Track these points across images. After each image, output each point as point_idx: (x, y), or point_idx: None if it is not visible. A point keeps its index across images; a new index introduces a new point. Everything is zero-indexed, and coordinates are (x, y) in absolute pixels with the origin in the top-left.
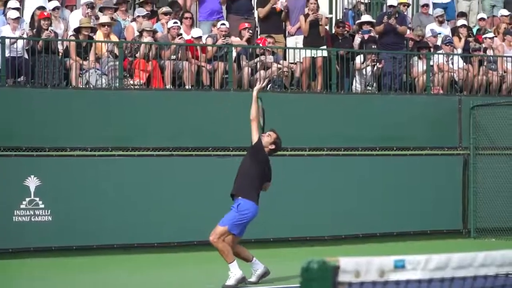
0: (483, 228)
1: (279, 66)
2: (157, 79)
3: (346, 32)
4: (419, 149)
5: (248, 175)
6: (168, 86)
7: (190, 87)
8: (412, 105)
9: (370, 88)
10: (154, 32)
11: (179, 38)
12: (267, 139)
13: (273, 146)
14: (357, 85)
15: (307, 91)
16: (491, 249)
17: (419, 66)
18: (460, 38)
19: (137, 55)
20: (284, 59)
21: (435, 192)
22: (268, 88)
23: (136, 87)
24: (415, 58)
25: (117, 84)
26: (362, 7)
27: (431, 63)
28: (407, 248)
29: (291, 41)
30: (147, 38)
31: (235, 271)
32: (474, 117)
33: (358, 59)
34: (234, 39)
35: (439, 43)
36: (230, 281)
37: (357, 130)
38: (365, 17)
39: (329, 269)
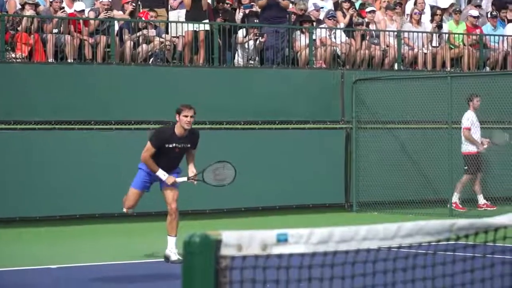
0: (365, 202)
1: (161, 40)
2: (39, 52)
3: (228, 5)
4: (302, 123)
5: None
6: (50, 60)
7: (72, 60)
8: (295, 79)
9: (252, 62)
10: (36, 5)
11: (62, 12)
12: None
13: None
14: (239, 59)
15: (190, 65)
16: (373, 222)
17: (302, 40)
18: (344, 14)
19: (19, 28)
20: (167, 33)
21: (318, 166)
22: (150, 62)
23: (18, 60)
24: (298, 32)
25: None
26: None
27: (314, 37)
28: (290, 222)
29: (173, 15)
30: (29, 11)
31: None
32: (357, 91)
33: (241, 33)
34: (117, 13)
35: (321, 17)
36: (176, 256)
37: (239, 104)
38: None
39: (211, 243)
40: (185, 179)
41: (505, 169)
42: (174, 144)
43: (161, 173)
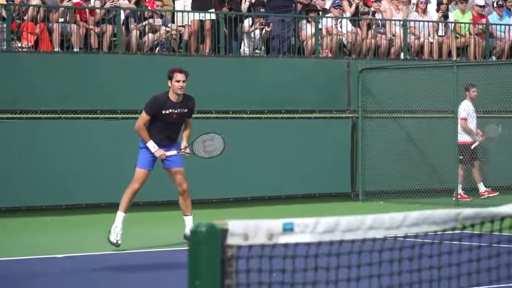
0: (371, 191)
1: (167, 29)
2: (45, 41)
3: None
4: (308, 113)
5: None
6: (56, 49)
7: (78, 50)
8: (301, 69)
9: (258, 51)
10: None
11: (68, 1)
12: None
13: None
14: (245, 48)
15: (196, 54)
16: (379, 212)
17: (308, 29)
18: (350, 3)
19: (25, 17)
20: (173, 22)
21: (324, 155)
22: (156, 52)
23: (24, 49)
24: (304, 21)
25: (5, 47)
26: None
27: (320, 26)
28: (296, 211)
29: (179, 4)
30: (35, 1)
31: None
32: (363, 80)
33: (247, 22)
34: (123, 2)
35: (327, 6)
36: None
37: (245, 93)
38: None
39: (217, 232)
40: (174, 152)
41: (505, 157)
42: (170, 110)
43: (151, 145)
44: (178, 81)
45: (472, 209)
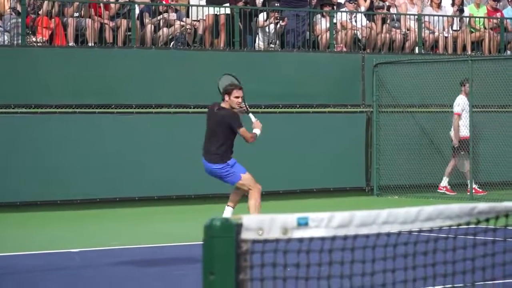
0: (385, 186)
1: (182, 23)
2: (60, 36)
3: None
4: (322, 107)
5: None
6: (71, 44)
7: (93, 44)
8: (315, 63)
9: (273, 46)
10: None
11: None
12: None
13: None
14: (260, 42)
15: (210, 49)
16: (393, 206)
17: (323, 23)
18: None
19: (40, 12)
20: (187, 16)
21: (338, 150)
22: (170, 46)
23: (38, 44)
24: (318, 15)
25: (20, 41)
26: None
27: (334, 20)
28: (310, 206)
29: None
30: None
31: None
32: (377, 74)
33: (261, 16)
34: None
35: (342, 0)
36: None
37: (260, 87)
38: None
39: (232, 227)
40: (251, 116)
41: (497, 155)
42: None
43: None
44: (237, 97)
45: (487, 204)
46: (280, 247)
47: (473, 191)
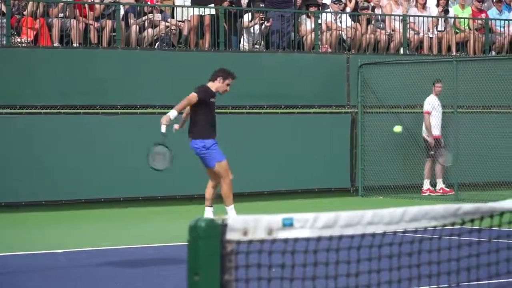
0: (370, 186)
1: (167, 24)
2: (45, 37)
3: None
4: (307, 108)
5: None
6: (55, 44)
7: (78, 45)
8: (300, 64)
9: (258, 46)
10: None
11: None
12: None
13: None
14: (244, 43)
15: (195, 49)
16: (378, 207)
17: (308, 24)
18: None
19: (25, 12)
20: (172, 17)
21: (323, 151)
22: (155, 47)
23: (23, 45)
24: (303, 16)
25: (4, 42)
26: None
27: (320, 21)
28: (295, 206)
29: None
30: None
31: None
32: (362, 75)
33: (246, 17)
34: None
35: (327, 1)
36: None
37: (244, 88)
38: None
39: (216, 228)
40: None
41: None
42: (213, 99)
43: (172, 113)
44: (229, 85)
45: (472, 204)
46: (265, 247)
47: (441, 190)
